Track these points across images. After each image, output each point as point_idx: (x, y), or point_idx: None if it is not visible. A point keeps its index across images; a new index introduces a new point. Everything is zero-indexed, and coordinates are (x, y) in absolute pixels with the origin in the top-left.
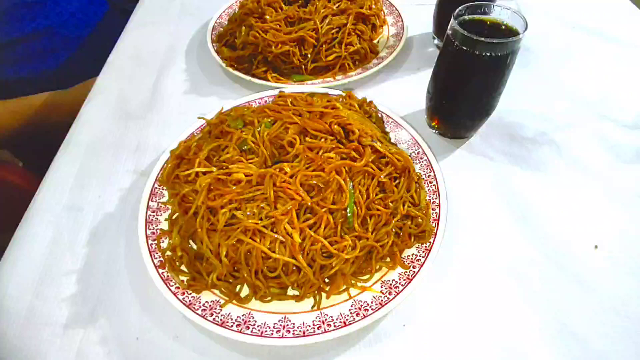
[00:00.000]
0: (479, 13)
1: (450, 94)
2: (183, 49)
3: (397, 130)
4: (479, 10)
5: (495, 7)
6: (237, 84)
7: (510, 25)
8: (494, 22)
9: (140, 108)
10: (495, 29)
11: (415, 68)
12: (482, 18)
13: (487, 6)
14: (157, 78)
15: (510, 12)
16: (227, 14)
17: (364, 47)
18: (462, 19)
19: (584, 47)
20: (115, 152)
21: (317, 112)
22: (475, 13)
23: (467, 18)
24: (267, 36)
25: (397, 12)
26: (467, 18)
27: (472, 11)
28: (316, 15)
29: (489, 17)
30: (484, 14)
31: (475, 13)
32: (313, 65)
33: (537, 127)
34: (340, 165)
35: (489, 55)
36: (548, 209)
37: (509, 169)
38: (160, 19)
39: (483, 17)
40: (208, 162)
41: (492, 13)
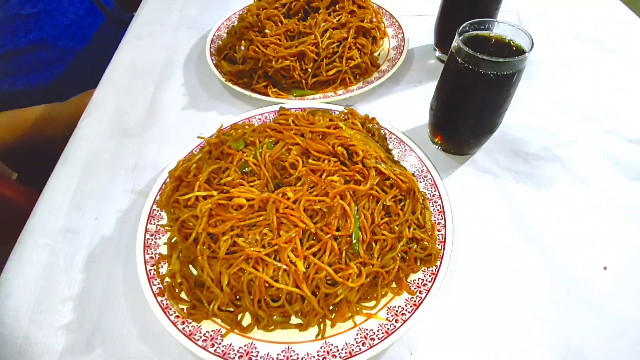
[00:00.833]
0: (483, 29)
1: (454, 112)
2: (181, 62)
3: (400, 147)
4: (483, 26)
5: (499, 23)
6: (237, 99)
7: (516, 42)
8: (498, 38)
9: (138, 124)
10: (500, 45)
11: (417, 81)
12: (487, 34)
13: (491, 22)
14: (155, 92)
15: (515, 28)
16: (225, 26)
17: (365, 61)
18: (466, 35)
19: (586, 58)
20: (112, 170)
21: (319, 132)
22: (479, 29)
23: (471, 34)
24: (267, 51)
25: (397, 23)
26: (471, 34)
27: (475, 27)
28: (316, 29)
29: (493, 33)
30: (488, 30)
31: (479, 29)
32: (314, 79)
33: (541, 142)
34: (344, 190)
35: (494, 73)
36: (555, 228)
37: (514, 186)
38: (157, 30)
39: (487, 33)
40: (208, 184)
41: (497, 29)
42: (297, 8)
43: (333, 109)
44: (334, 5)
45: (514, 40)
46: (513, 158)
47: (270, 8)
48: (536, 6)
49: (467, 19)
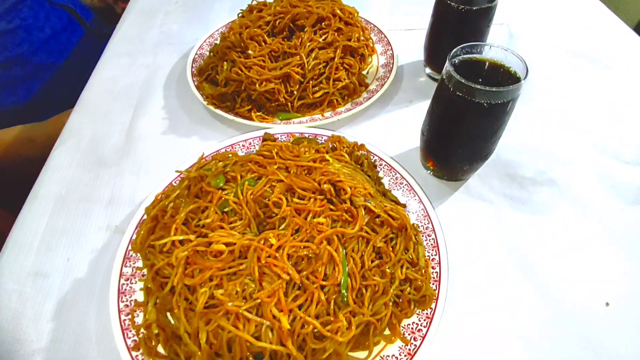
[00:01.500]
0: (475, 52)
1: (446, 139)
2: (161, 83)
3: (391, 175)
4: (475, 50)
5: (492, 47)
6: (220, 123)
7: (509, 66)
8: (491, 63)
9: (115, 152)
10: (493, 70)
11: (407, 100)
12: (479, 58)
13: (482, 46)
14: (133, 117)
15: (509, 52)
16: (208, 43)
17: (353, 81)
18: (457, 59)
19: (580, 74)
20: (86, 205)
21: (304, 166)
22: (471, 53)
23: (463, 58)
24: (250, 73)
25: (386, 39)
26: (463, 58)
27: (467, 51)
28: (302, 49)
29: (485, 57)
30: (480, 53)
31: (471, 53)
32: (300, 102)
33: (536, 165)
34: (331, 234)
35: (488, 102)
36: (553, 260)
37: (509, 213)
38: (137, 48)
39: (479, 57)
40: (186, 226)
41: (489, 52)
42: (282, 26)
43: (320, 134)
44: (320, 22)
45: (507, 65)
46: (508, 183)
47: (254, 26)
48: (527, 19)
49: (458, 36)
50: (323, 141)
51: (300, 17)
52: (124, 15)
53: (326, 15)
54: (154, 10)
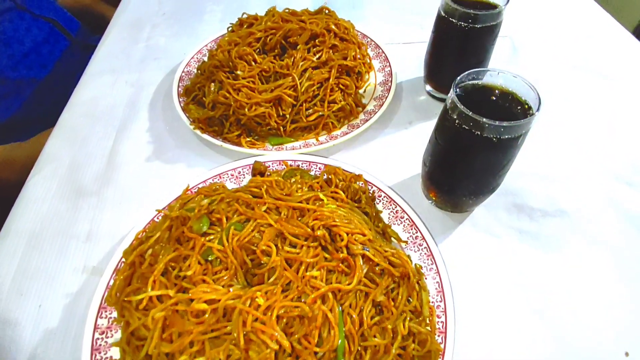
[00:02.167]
0: (482, 79)
1: (450, 172)
2: (146, 103)
3: (391, 208)
4: (482, 75)
5: (500, 73)
6: (208, 147)
7: (519, 95)
8: (501, 90)
9: (95, 180)
10: (503, 99)
11: (407, 122)
12: (487, 85)
13: (490, 72)
14: (116, 140)
15: (519, 79)
16: (196, 60)
17: (349, 102)
18: (463, 86)
19: (588, 91)
20: (62, 242)
21: (296, 207)
22: (478, 79)
23: (468, 84)
24: (239, 96)
25: (384, 54)
26: (468, 84)
27: (473, 77)
28: (294, 69)
29: (494, 83)
30: (487, 79)
31: (478, 79)
32: (293, 125)
33: (546, 194)
34: (327, 291)
35: (497, 137)
36: (569, 302)
37: (518, 248)
38: (121, 64)
39: (487, 83)
40: (166, 276)
41: (498, 79)
42: (273, 43)
43: (315, 161)
44: (313, 39)
45: (518, 93)
46: (516, 214)
47: (243, 44)
48: (530, 30)
49: (460, 54)
50: (318, 170)
51: (292, 34)
52: (109, 28)
53: (320, 32)
54: (140, 22)
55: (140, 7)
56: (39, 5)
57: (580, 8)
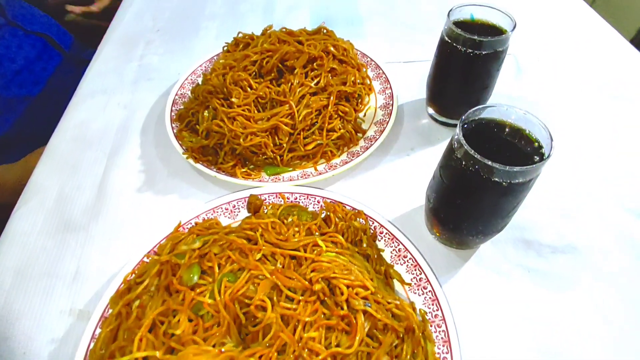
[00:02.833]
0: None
1: (456, 212)
2: (138, 127)
3: (393, 245)
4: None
5: (508, 108)
6: (202, 177)
7: (529, 133)
8: (510, 127)
9: (84, 213)
10: (513, 137)
11: (409, 148)
12: (496, 121)
13: (499, 108)
14: (107, 168)
15: (530, 116)
16: (190, 81)
17: (349, 130)
18: (470, 124)
19: (596, 113)
20: (48, 282)
21: (293, 255)
22: (485, 114)
23: (475, 119)
24: (234, 126)
25: (384, 76)
26: (475, 119)
27: (480, 113)
28: (291, 95)
29: (503, 119)
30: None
31: (485, 114)
32: (290, 154)
33: (555, 229)
34: (326, 357)
35: (507, 182)
36: (579, 344)
37: (528, 288)
38: (113, 85)
39: (496, 118)
40: (154, 331)
41: (506, 115)
42: (270, 67)
43: (313, 194)
44: (311, 63)
45: (528, 131)
46: (524, 250)
47: (238, 67)
48: (535, 48)
49: (465, 80)
50: (317, 204)
51: (289, 57)
52: (102, 45)
53: (318, 55)
54: (134, 38)
55: (134, 22)
56: (31, 21)
57: (586, 23)
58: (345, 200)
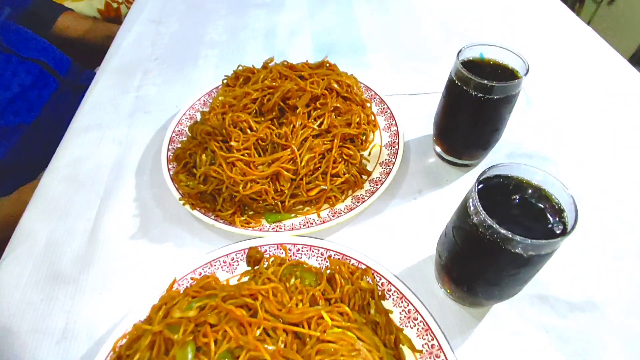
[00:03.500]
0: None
1: (470, 276)
2: (133, 166)
3: (403, 305)
4: (508, 170)
5: (525, 166)
6: (199, 223)
7: (550, 193)
8: (529, 186)
9: (74, 263)
10: (532, 196)
11: (416, 190)
12: (513, 178)
13: (517, 167)
14: (99, 212)
15: (549, 176)
16: (188, 116)
17: (354, 174)
18: (485, 183)
19: (612, 149)
20: (33, 340)
21: (296, 330)
22: (501, 170)
23: (491, 176)
24: (233, 173)
25: (389, 111)
26: (491, 176)
27: (496, 170)
28: (293, 139)
29: (521, 177)
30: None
31: (501, 170)
32: (292, 201)
33: (570, 284)
34: None
35: (528, 254)
36: None
37: (547, 350)
38: (109, 118)
39: (514, 176)
40: None
41: (525, 173)
42: (271, 105)
43: (316, 245)
44: (314, 101)
45: (549, 191)
46: (540, 306)
47: (239, 106)
48: (543, 79)
49: (474, 123)
50: (320, 256)
51: (291, 96)
52: (98, 74)
53: (321, 93)
54: (131, 67)
55: (132, 49)
56: (26, 46)
57: (596, 51)
58: (350, 253)
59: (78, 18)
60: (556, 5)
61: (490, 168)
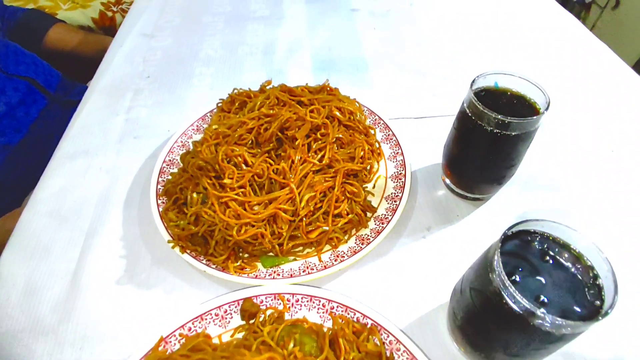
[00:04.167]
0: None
1: (490, 343)
2: (121, 199)
3: None
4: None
5: (553, 223)
6: (190, 267)
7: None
8: (558, 244)
9: (53, 311)
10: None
11: (425, 228)
12: (539, 233)
13: (541, 223)
14: (83, 251)
15: (578, 235)
16: (181, 144)
17: (358, 212)
18: (509, 244)
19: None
20: None
21: None
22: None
23: (514, 234)
24: (226, 215)
25: (394, 139)
26: (514, 234)
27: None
28: (293, 176)
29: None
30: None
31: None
32: (291, 243)
33: (597, 340)
34: None
35: (559, 333)
36: None
37: None
38: (96, 144)
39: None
40: None
41: (553, 230)
42: (268, 136)
43: (318, 296)
44: (314, 131)
45: (576, 248)
46: None
47: (233, 137)
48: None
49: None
50: (322, 307)
51: (290, 126)
52: (87, 95)
53: (322, 123)
54: (122, 86)
55: (123, 66)
56: (15, 62)
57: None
58: (354, 305)
59: (70, 30)
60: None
61: (515, 226)
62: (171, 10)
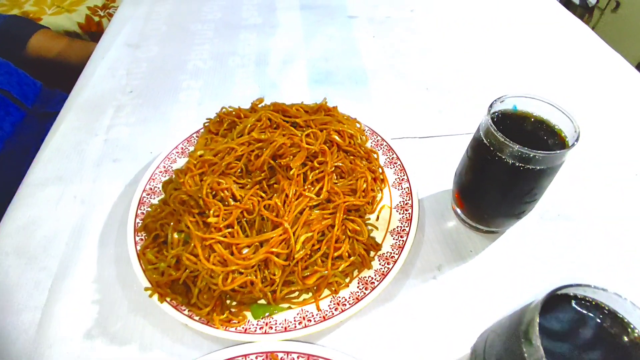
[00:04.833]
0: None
1: None
2: (96, 234)
3: None
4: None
5: (597, 289)
6: (170, 318)
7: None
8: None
9: None
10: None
11: (435, 267)
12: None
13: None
14: (49, 299)
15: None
16: (163, 169)
17: (361, 253)
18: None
19: None
20: None
21: None
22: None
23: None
24: (210, 262)
25: (399, 163)
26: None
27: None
28: (287, 213)
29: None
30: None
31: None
32: (285, 290)
33: None
34: None
35: None
36: None
37: None
38: (71, 169)
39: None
40: None
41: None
42: (259, 164)
43: (315, 355)
44: (311, 160)
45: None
46: None
47: (221, 164)
48: None
49: (508, 191)
50: None
51: (284, 153)
52: (63, 113)
53: (319, 150)
54: (102, 103)
55: (105, 80)
56: None
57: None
58: None
59: (54, 37)
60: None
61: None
62: (158, 17)
